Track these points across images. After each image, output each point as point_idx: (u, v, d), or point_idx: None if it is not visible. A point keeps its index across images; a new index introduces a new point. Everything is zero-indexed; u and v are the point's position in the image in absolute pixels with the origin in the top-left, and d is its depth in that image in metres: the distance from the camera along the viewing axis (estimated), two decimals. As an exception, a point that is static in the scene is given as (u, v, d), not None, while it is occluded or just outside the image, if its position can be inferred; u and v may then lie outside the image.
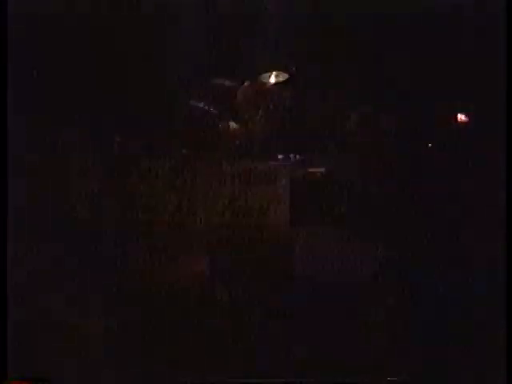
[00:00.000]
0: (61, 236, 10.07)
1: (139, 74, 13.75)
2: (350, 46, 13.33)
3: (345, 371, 6.76)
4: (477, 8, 12.69)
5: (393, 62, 13.26)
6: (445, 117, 12.62)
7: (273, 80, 13.32)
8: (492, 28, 11.44)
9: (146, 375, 6.57)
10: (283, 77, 13.43)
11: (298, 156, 13.14)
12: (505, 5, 10.26)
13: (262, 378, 6.94)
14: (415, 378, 6.62)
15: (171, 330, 7.43)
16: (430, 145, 12.88)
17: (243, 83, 13.43)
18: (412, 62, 12.37)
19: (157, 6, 13.45)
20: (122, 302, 8.05)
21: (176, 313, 7.70)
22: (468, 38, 12.44)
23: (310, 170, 12.84)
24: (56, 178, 12.92)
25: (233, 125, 13.14)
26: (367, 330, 7.29)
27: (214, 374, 6.87)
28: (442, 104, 12.88)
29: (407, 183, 10.94)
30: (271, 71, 13.35)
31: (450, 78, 12.80)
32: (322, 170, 12.80)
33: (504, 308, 7.25)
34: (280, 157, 13.11)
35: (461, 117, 11.74)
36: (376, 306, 7.84)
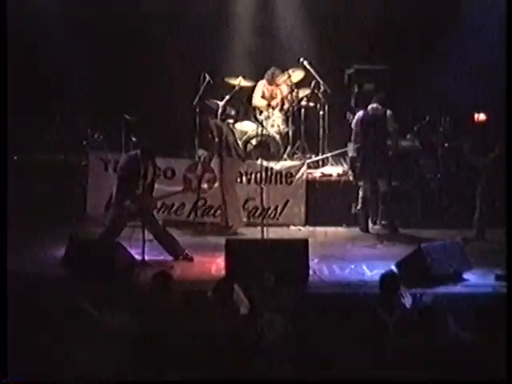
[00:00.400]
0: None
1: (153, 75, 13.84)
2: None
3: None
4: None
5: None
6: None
7: (288, 79, 13.28)
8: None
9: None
10: (299, 75, 13.40)
11: (313, 156, 13.13)
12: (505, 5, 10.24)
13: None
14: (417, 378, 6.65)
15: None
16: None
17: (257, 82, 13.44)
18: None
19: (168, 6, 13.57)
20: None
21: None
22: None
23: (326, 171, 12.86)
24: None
25: (249, 124, 13.14)
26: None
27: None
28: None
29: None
30: (287, 70, 13.36)
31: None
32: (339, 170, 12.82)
33: (504, 308, 7.23)
34: (297, 157, 13.13)
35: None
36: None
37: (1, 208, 8.13)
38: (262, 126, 12.76)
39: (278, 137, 12.95)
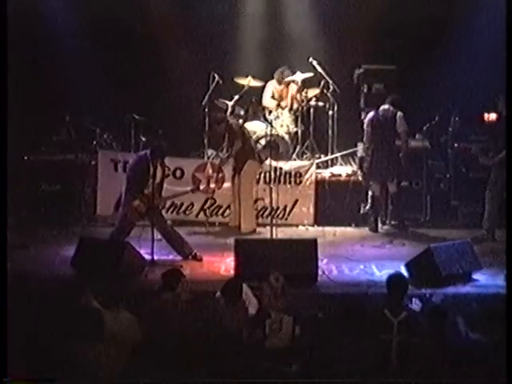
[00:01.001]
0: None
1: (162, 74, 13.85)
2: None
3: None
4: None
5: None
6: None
7: (296, 79, 13.26)
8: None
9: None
10: (308, 75, 13.37)
11: (322, 156, 13.11)
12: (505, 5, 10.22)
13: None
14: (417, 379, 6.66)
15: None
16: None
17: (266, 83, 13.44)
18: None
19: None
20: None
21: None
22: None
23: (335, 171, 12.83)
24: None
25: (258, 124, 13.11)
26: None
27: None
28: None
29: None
30: (296, 70, 13.33)
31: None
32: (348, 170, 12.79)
33: (504, 310, 7.22)
34: (306, 156, 13.10)
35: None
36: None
37: (1, 208, 8.11)
38: (272, 126, 12.70)
39: (287, 137, 12.93)
